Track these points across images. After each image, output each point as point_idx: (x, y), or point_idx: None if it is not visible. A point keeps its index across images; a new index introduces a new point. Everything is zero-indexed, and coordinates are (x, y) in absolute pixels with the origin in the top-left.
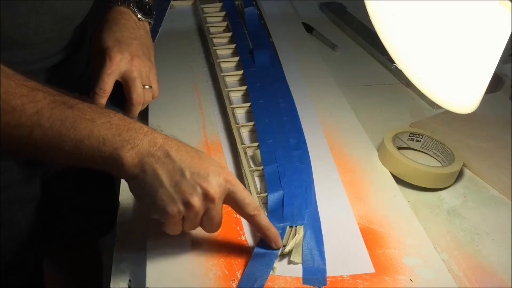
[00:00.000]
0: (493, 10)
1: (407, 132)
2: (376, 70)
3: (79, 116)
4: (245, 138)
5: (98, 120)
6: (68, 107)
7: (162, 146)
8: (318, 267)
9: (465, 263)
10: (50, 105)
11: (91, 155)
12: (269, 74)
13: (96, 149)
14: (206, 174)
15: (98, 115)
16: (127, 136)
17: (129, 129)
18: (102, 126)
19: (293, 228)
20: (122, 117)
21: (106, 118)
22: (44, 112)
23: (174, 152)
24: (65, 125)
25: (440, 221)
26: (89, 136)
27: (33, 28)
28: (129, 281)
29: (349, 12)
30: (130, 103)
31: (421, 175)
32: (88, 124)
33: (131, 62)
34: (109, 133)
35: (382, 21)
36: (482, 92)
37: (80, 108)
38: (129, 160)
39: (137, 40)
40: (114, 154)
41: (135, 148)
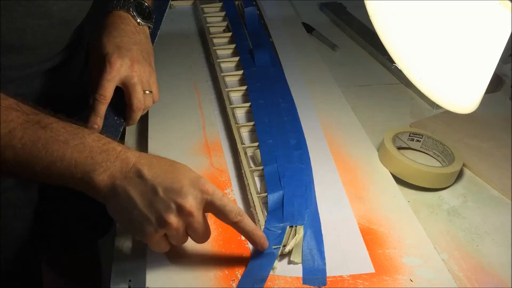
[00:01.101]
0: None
1: (407, 132)
2: (376, 70)
3: (51, 137)
4: (245, 138)
5: (71, 142)
6: (41, 127)
7: (134, 166)
8: (318, 267)
9: (465, 263)
10: (23, 125)
11: (63, 177)
12: (269, 74)
13: (67, 171)
14: (179, 188)
15: (72, 136)
16: (99, 159)
17: (102, 151)
18: (75, 148)
19: (293, 228)
20: (97, 137)
21: (80, 139)
22: (16, 132)
23: (147, 170)
24: (37, 146)
25: (440, 221)
26: (61, 158)
27: (30, 33)
28: (129, 281)
29: (349, 12)
30: (131, 109)
31: (421, 175)
32: (60, 146)
33: (131, 67)
34: (81, 155)
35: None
36: (482, 92)
37: (54, 129)
38: (101, 184)
39: (137, 45)
40: (86, 177)
41: (107, 171)
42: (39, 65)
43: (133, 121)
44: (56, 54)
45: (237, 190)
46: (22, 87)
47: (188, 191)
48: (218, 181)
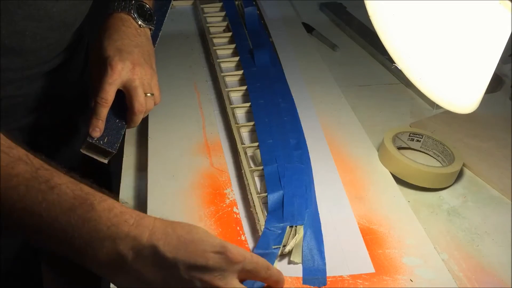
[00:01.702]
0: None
1: (407, 132)
2: (376, 70)
3: (57, 201)
4: (245, 138)
5: (77, 210)
6: (49, 188)
7: (149, 241)
8: (318, 267)
9: (465, 263)
10: (28, 181)
11: (63, 248)
12: (269, 74)
13: (69, 243)
14: (204, 264)
15: (79, 203)
16: (107, 234)
17: (112, 225)
18: (80, 218)
19: (293, 228)
20: (108, 206)
21: (87, 207)
22: (19, 189)
23: (163, 245)
24: (38, 208)
25: (440, 221)
26: (64, 228)
27: (30, 35)
28: None
29: (349, 12)
30: (132, 112)
31: (421, 175)
32: (65, 213)
33: (133, 70)
34: (88, 228)
35: (382, 21)
36: (482, 92)
37: (62, 192)
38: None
39: (138, 48)
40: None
41: (116, 249)
42: (38, 67)
43: (135, 123)
44: (56, 56)
45: (237, 190)
46: (22, 89)
47: (215, 266)
48: (218, 181)
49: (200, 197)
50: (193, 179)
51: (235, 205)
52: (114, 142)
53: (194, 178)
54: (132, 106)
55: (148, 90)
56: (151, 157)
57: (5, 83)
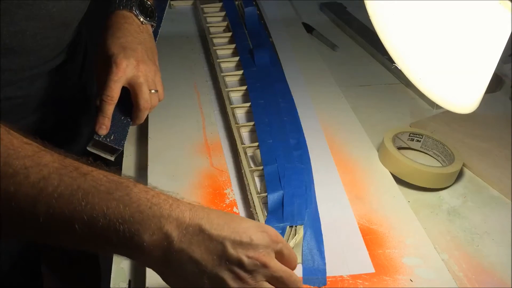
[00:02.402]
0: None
1: (407, 132)
2: (376, 70)
3: (93, 187)
4: (245, 138)
5: (115, 193)
6: (81, 175)
7: (192, 220)
8: (318, 267)
9: (465, 263)
10: (59, 170)
11: (105, 238)
12: (269, 74)
13: (112, 229)
14: (249, 240)
15: (116, 186)
16: (150, 214)
17: (152, 205)
18: (120, 201)
19: (293, 228)
20: (144, 188)
21: (125, 189)
22: (51, 179)
23: (207, 224)
24: (76, 196)
25: (440, 221)
26: (104, 213)
27: (30, 35)
28: (129, 281)
29: (349, 12)
30: (138, 108)
31: (421, 175)
32: (103, 198)
33: (137, 67)
34: (129, 210)
35: (382, 21)
36: (482, 92)
37: (95, 177)
38: (154, 246)
39: (141, 45)
40: (136, 238)
41: (162, 229)
42: (39, 67)
43: (140, 120)
44: (56, 56)
45: (237, 190)
46: (22, 89)
47: (259, 242)
48: (218, 181)
49: (200, 197)
50: (193, 179)
51: (235, 205)
52: (121, 139)
53: (194, 178)
54: (138, 103)
55: (152, 86)
56: (151, 157)
57: (5, 84)
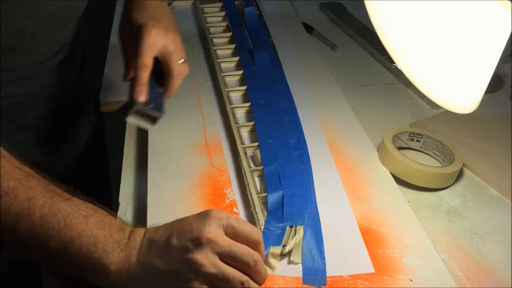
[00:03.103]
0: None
1: (407, 132)
2: (376, 70)
3: (73, 210)
4: (245, 138)
5: (91, 218)
6: (64, 199)
7: (145, 236)
8: (318, 267)
9: (465, 263)
10: (44, 193)
11: (77, 258)
12: (269, 74)
13: (84, 250)
14: (190, 227)
15: (92, 212)
16: (117, 238)
17: (119, 230)
18: (95, 225)
19: (293, 228)
20: (112, 217)
21: (100, 216)
22: (36, 200)
23: (154, 234)
24: (56, 217)
25: (440, 221)
26: (80, 234)
27: (29, 34)
28: None
29: (349, 12)
30: (171, 76)
31: (421, 175)
32: (81, 221)
33: (166, 36)
34: (102, 233)
35: (382, 21)
36: (482, 92)
37: (75, 202)
38: (118, 265)
39: (166, 17)
40: (104, 258)
41: (124, 251)
42: (37, 66)
43: (173, 90)
44: (55, 55)
45: (237, 190)
46: (21, 88)
47: (200, 224)
48: (218, 181)
49: (200, 197)
50: (193, 179)
51: (235, 205)
52: (160, 107)
53: (194, 178)
54: (171, 71)
55: (181, 56)
56: (151, 157)
57: (4, 83)
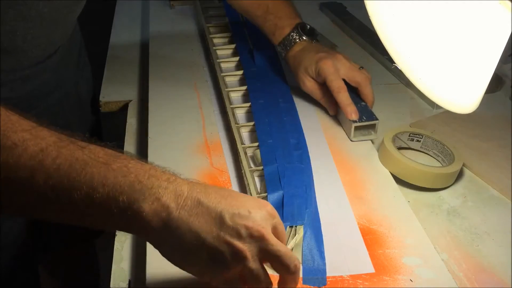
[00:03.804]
0: (493, 10)
1: (407, 132)
2: (376, 70)
3: (91, 158)
4: (245, 138)
5: (113, 164)
6: (79, 147)
7: (190, 193)
8: (318, 267)
9: (465, 263)
10: (57, 143)
11: (105, 208)
12: (269, 74)
13: (111, 199)
14: (247, 213)
15: (113, 158)
16: (149, 184)
17: (150, 176)
18: (119, 172)
19: (293, 228)
20: (139, 162)
21: (122, 162)
22: (50, 151)
23: (205, 198)
24: (74, 167)
25: (440, 221)
26: (103, 183)
27: (21, 35)
28: (129, 281)
29: (349, 12)
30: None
31: (421, 175)
32: (101, 168)
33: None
34: (127, 179)
35: (382, 21)
36: (482, 92)
37: (92, 150)
38: (154, 215)
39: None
40: (135, 206)
41: (160, 199)
42: (30, 68)
43: (370, 96)
44: (48, 57)
45: (237, 190)
46: (14, 91)
47: (257, 215)
48: (218, 181)
49: None
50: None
51: None
52: (371, 115)
53: (194, 178)
54: (359, 82)
55: (354, 65)
56: (151, 157)
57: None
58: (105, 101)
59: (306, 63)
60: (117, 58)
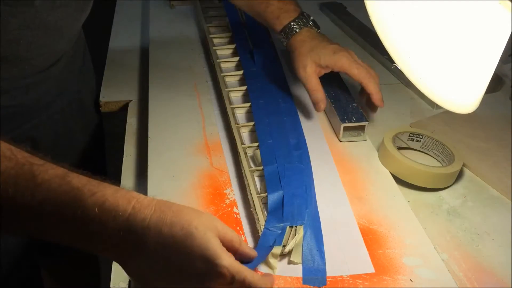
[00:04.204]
0: (493, 10)
1: (407, 132)
2: (376, 70)
3: (47, 198)
4: (245, 138)
5: (67, 207)
6: (36, 185)
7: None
8: (318, 267)
9: (465, 263)
10: (16, 178)
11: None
12: (269, 74)
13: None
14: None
15: (68, 199)
16: (98, 229)
17: (101, 222)
18: (70, 218)
19: (293, 228)
20: (98, 199)
21: (77, 202)
22: (8, 187)
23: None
24: (32, 204)
25: (440, 221)
26: (64, 221)
27: (24, 44)
28: (129, 281)
29: (349, 12)
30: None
31: (421, 175)
32: (57, 211)
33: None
34: (77, 225)
35: (382, 21)
36: (482, 92)
37: (49, 188)
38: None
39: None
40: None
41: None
42: (34, 76)
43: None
44: (51, 65)
45: (237, 190)
46: (16, 99)
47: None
48: (218, 181)
49: (200, 197)
50: (193, 179)
51: (235, 205)
52: (361, 116)
53: (194, 178)
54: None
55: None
56: (151, 157)
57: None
58: (105, 101)
59: (319, 50)
60: (117, 58)
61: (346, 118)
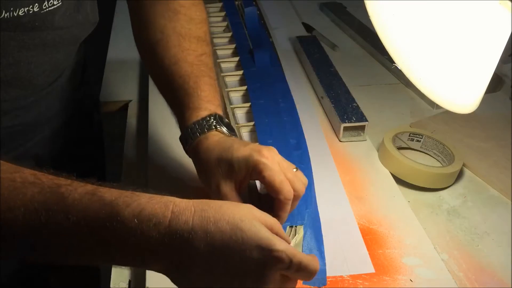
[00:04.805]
0: (493, 10)
1: (407, 132)
2: (376, 70)
3: (81, 219)
4: (245, 138)
5: (105, 224)
6: (66, 206)
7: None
8: None
9: (465, 263)
10: (45, 204)
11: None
12: (269, 74)
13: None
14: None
15: (104, 215)
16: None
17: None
18: (109, 234)
19: (293, 228)
20: (133, 210)
21: (114, 216)
22: (40, 214)
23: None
24: (66, 226)
25: (440, 221)
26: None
27: (24, 65)
28: (129, 281)
29: (349, 12)
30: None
31: (421, 175)
32: (94, 230)
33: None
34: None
35: (382, 21)
36: (482, 92)
37: (82, 208)
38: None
39: None
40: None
41: None
42: (34, 95)
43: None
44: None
45: None
46: (19, 118)
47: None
48: None
49: (200, 198)
50: (193, 179)
51: None
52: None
53: (195, 179)
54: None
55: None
56: (151, 157)
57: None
58: (105, 101)
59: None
60: (117, 59)
61: (346, 118)
